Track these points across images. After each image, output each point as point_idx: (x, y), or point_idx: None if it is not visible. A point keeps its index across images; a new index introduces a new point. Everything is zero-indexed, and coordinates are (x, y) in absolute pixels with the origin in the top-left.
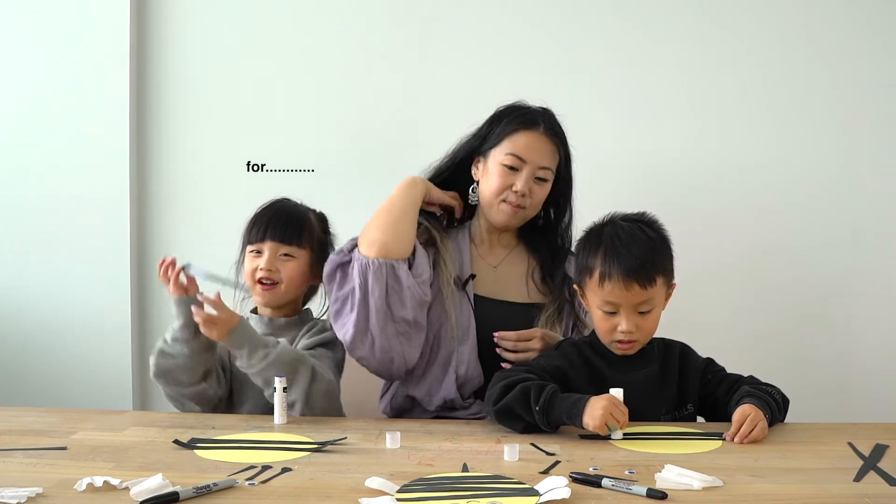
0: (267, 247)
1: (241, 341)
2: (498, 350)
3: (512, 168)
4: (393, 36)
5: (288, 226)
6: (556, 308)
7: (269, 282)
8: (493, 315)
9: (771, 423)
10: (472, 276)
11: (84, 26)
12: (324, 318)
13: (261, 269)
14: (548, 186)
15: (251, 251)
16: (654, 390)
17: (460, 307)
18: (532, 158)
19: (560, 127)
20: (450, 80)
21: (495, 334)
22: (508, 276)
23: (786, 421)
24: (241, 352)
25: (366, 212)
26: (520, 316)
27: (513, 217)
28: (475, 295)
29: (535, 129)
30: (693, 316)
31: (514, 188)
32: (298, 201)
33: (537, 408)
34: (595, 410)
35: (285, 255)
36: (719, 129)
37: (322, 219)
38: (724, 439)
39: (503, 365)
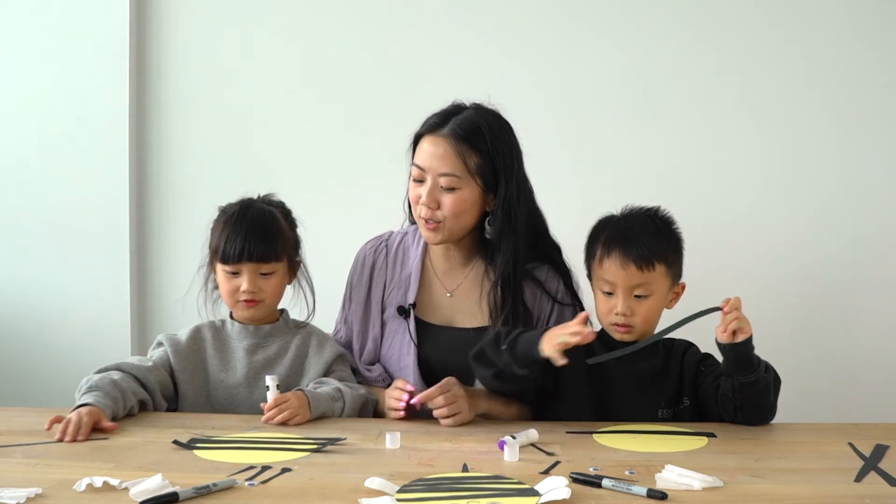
0: (245, 269)
1: (317, 413)
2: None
3: (418, 181)
4: (392, 36)
5: (264, 243)
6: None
7: (252, 300)
8: (442, 343)
9: (755, 370)
10: (413, 306)
11: (84, 27)
12: (307, 319)
13: (243, 292)
14: (463, 194)
15: (227, 271)
16: (654, 384)
17: (402, 338)
18: (432, 166)
19: (480, 124)
20: (450, 81)
21: (415, 402)
22: (463, 300)
23: (786, 421)
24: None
25: (363, 212)
26: (472, 341)
27: (431, 234)
28: (426, 322)
29: (435, 133)
30: None
31: (420, 201)
32: (259, 196)
33: (504, 346)
34: (552, 339)
35: (265, 273)
36: (719, 131)
37: (287, 214)
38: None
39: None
